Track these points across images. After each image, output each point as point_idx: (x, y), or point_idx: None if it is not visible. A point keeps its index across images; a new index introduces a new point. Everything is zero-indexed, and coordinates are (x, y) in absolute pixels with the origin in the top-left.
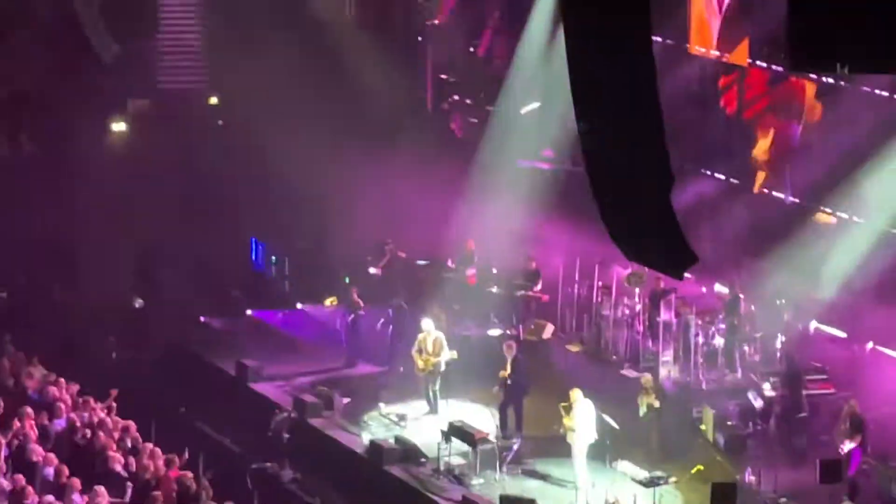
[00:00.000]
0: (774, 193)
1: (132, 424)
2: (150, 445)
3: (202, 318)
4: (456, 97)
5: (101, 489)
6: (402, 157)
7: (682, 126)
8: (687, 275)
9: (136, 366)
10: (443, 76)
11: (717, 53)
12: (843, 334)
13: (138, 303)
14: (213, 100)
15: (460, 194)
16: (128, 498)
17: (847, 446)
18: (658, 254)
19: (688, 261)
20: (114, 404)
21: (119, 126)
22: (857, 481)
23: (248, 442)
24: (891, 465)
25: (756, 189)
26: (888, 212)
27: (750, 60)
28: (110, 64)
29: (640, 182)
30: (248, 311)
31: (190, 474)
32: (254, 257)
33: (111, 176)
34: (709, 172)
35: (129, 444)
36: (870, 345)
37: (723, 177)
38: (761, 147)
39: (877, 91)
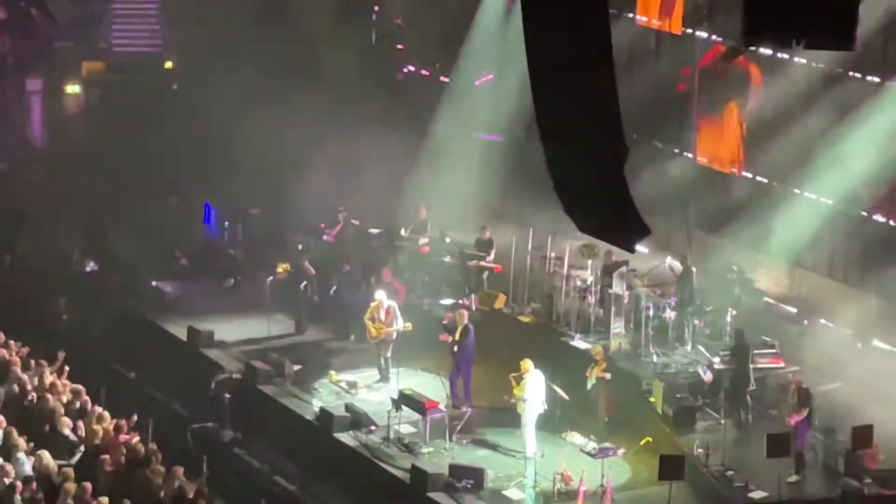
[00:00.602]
0: (729, 169)
1: (82, 388)
2: (98, 409)
3: (153, 283)
4: (412, 67)
5: (45, 453)
6: (358, 124)
7: (633, 98)
8: (639, 248)
9: (87, 329)
10: (399, 46)
11: (659, 23)
12: (793, 309)
13: (90, 266)
14: (169, 63)
15: (416, 163)
16: (75, 461)
17: (794, 420)
18: (610, 226)
19: (640, 233)
20: (66, 368)
21: (73, 88)
22: (804, 455)
23: (198, 407)
24: (837, 440)
25: (696, 156)
26: (841, 190)
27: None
28: (65, 26)
29: (594, 154)
30: (201, 276)
31: (138, 438)
32: (207, 223)
33: (65, 138)
34: (660, 145)
35: (79, 408)
36: (820, 320)
37: (676, 150)
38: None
39: (838, 70)
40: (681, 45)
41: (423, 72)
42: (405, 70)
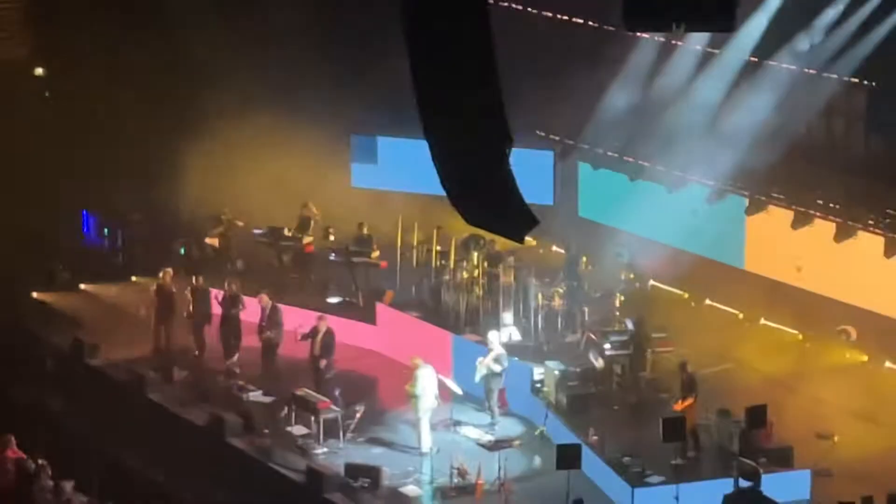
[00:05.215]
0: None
1: None
2: None
3: (34, 294)
4: None
5: None
6: (237, 123)
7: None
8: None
9: None
10: None
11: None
12: (680, 292)
13: None
14: (39, 70)
15: (298, 158)
16: None
17: (679, 407)
18: (498, 217)
19: (528, 224)
20: None
21: None
22: (698, 437)
23: (89, 421)
24: (731, 420)
25: None
26: (717, 170)
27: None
28: None
29: (479, 145)
30: (82, 286)
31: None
32: (86, 230)
33: None
34: (542, 133)
35: None
36: (706, 301)
37: (556, 137)
38: None
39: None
40: None
41: None
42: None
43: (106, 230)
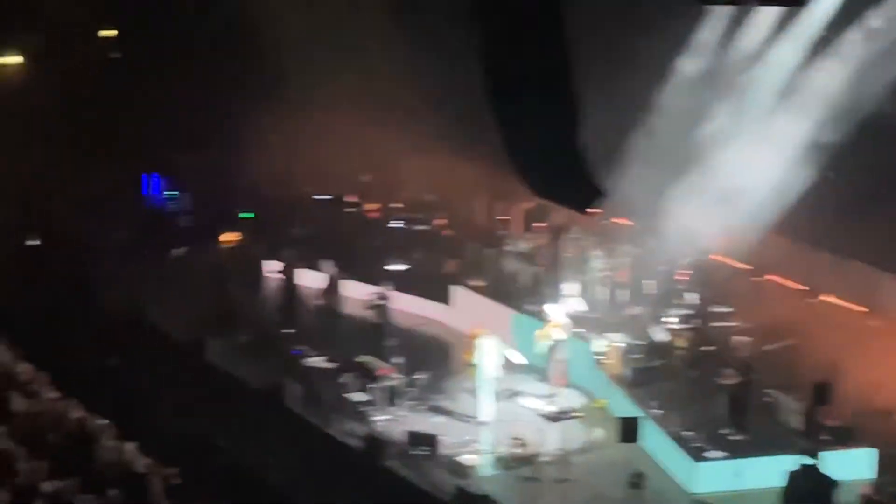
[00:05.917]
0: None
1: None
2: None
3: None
4: None
5: None
6: (306, 89)
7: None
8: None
9: (31, 309)
10: None
11: None
12: (745, 266)
13: (31, 240)
14: (111, 32)
15: (365, 126)
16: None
17: (733, 379)
18: (565, 189)
19: (595, 195)
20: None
21: (13, 59)
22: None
23: (149, 383)
24: (795, 397)
25: None
26: (796, 141)
27: None
28: None
29: (548, 117)
30: (145, 248)
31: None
32: (152, 192)
33: (3, 110)
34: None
35: (24, 384)
36: (770, 276)
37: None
38: None
39: None
40: None
41: None
42: None
43: (170, 193)
